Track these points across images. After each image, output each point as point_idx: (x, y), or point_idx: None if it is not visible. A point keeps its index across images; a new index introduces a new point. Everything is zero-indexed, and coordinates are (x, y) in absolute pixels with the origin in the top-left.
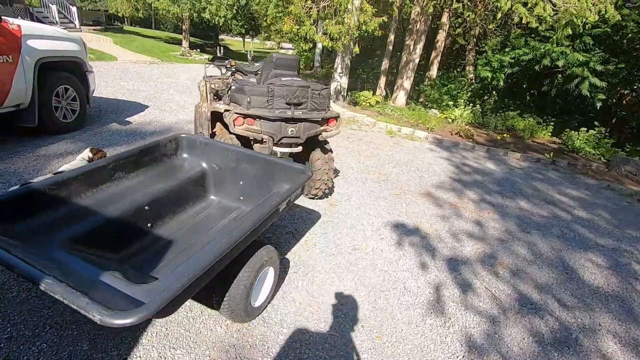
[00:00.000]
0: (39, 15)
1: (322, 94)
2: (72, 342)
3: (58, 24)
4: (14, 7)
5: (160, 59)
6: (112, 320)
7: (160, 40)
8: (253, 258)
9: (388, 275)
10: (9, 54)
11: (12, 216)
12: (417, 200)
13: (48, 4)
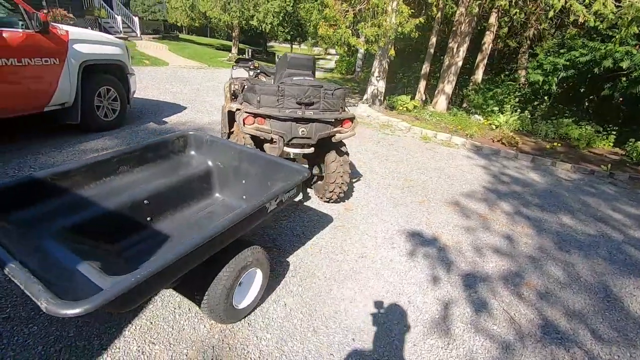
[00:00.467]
0: (106, 25)
1: (336, 94)
2: (60, 327)
3: (122, 32)
4: (85, 18)
5: (208, 64)
6: (57, 309)
7: (212, 47)
8: (236, 258)
9: (393, 287)
10: (57, 56)
11: (11, 203)
12: (442, 209)
13: (114, 16)
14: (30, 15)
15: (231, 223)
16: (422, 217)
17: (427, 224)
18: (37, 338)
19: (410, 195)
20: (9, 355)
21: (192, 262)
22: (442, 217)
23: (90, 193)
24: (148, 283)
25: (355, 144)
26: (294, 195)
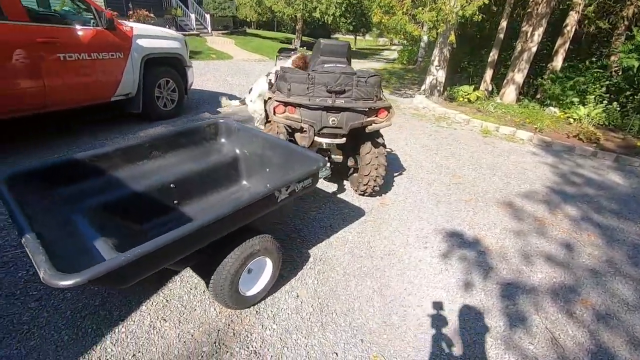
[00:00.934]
0: (182, 23)
1: (370, 81)
2: (89, 296)
3: (194, 29)
4: (165, 17)
5: (269, 57)
6: (50, 279)
7: (277, 40)
8: (242, 245)
9: (416, 289)
10: (122, 51)
11: (54, 179)
12: (491, 209)
13: (189, 14)
14: (99, 13)
15: (233, 210)
16: (466, 216)
17: (470, 225)
18: (68, 303)
19: (456, 193)
20: (43, 316)
21: (190, 246)
22: (490, 218)
23: (123, 175)
24: (141, 263)
25: (403, 136)
26: (309, 185)
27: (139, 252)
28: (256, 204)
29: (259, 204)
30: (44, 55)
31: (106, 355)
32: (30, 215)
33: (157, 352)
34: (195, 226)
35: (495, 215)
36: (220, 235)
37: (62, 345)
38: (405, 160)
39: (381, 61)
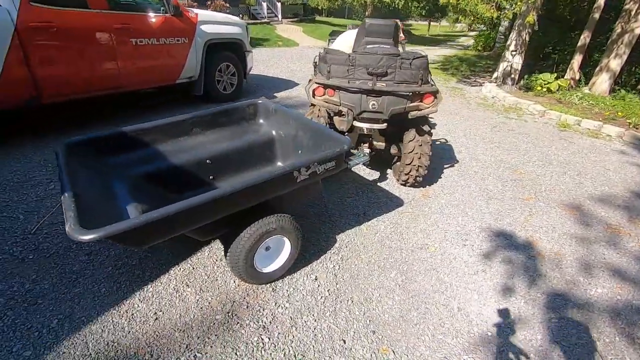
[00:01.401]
0: (254, 12)
1: (415, 64)
2: (129, 256)
3: (266, 17)
4: (239, 7)
5: None
6: (73, 233)
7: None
8: (259, 222)
9: (445, 287)
10: (186, 36)
11: (103, 149)
12: (552, 211)
13: (260, 2)
14: (167, 1)
15: (246, 185)
16: (520, 216)
17: (524, 226)
18: (111, 260)
19: (513, 190)
20: (89, 268)
21: (203, 216)
22: (549, 220)
23: (164, 148)
24: (155, 227)
25: (463, 126)
26: (332, 168)
27: (151, 216)
28: (272, 181)
29: (275, 182)
30: (118, 40)
31: (133, 309)
32: (76, 179)
33: (176, 313)
34: (208, 197)
35: (556, 217)
36: (234, 210)
37: (99, 296)
38: (459, 151)
39: (455, 48)
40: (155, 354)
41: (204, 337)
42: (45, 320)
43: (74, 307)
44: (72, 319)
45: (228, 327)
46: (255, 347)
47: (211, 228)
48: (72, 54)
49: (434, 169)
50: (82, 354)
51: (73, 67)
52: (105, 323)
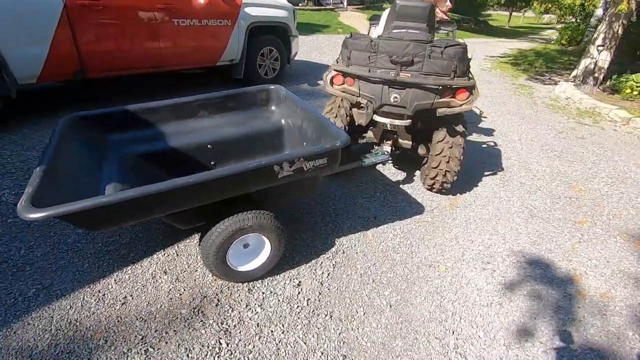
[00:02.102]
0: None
1: (448, 53)
2: (121, 234)
3: (331, 4)
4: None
5: None
6: (21, 210)
7: None
8: (233, 217)
9: (446, 317)
10: (229, 18)
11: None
12: (611, 241)
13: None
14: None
15: (212, 177)
16: (566, 243)
17: (568, 255)
18: (104, 237)
19: (564, 209)
20: (81, 242)
21: (166, 206)
22: (604, 252)
23: (168, 129)
24: (109, 212)
25: (521, 129)
26: (324, 165)
27: (100, 201)
28: (246, 174)
29: (251, 176)
30: (161, 20)
31: (106, 290)
32: (62, 155)
33: (145, 300)
34: (166, 186)
35: (614, 249)
36: (203, 202)
37: (81, 271)
38: (508, 158)
39: (536, 41)
40: (110, 340)
41: (163, 331)
42: (25, 288)
43: (55, 279)
44: (48, 290)
45: (190, 325)
46: (210, 351)
47: (187, 218)
48: (115, 32)
49: (472, 176)
50: (43, 328)
51: (116, 44)
52: (75, 300)
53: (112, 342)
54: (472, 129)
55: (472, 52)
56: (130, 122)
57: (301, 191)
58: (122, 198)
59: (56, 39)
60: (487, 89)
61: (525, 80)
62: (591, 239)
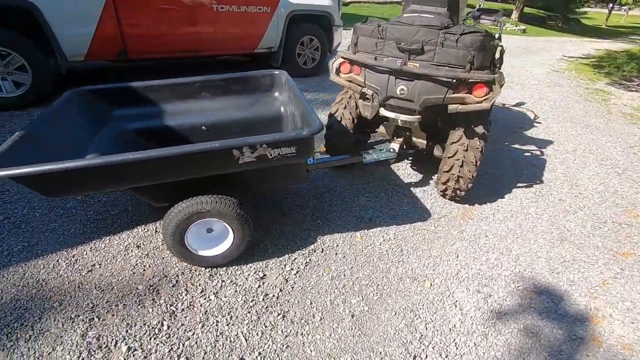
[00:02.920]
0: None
1: (464, 41)
2: (113, 205)
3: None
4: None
5: None
6: None
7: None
8: (190, 200)
9: (412, 339)
10: (269, 6)
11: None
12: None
13: None
14: None
15: (161, 155)
16: (596, 275)
17: (593, 292)
18: (97, 206)
19: (607, 237)
20: (77, 208)
21: (119, 180)
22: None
23: (168, 108)
24: (63, 179)
25: (579, 139)
26: (293, 154)
27: (52, 167)
28: (196, 156)
29: (204, 158)
30: (200, 5)
31: (79, 256)
32: (54, 123)
33: (109, 271)
34: (115, 160)
35: None
36: (155, 180)
37: (66, 235)
38: (553, 170)
39: (636, 42)
40: (64, 304)
41: (114, 303)
42: (13, 244)
43: (41, 239)
44: (32, 249)
45: (141, 301)
46: (150, 331)
47: (151, 195)
48: (155, 16)
49: (500, 185)
50: (13, 283)
51: (156, 27)
52: (50, 261)
53: (65, 306)
54: (519, 134)
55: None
56: (132, 98)
57: (275, 181)
58: (73, 167)
59: (102, 19)
60: (551, 92)
61: (604, 85)
62: (632, 276)
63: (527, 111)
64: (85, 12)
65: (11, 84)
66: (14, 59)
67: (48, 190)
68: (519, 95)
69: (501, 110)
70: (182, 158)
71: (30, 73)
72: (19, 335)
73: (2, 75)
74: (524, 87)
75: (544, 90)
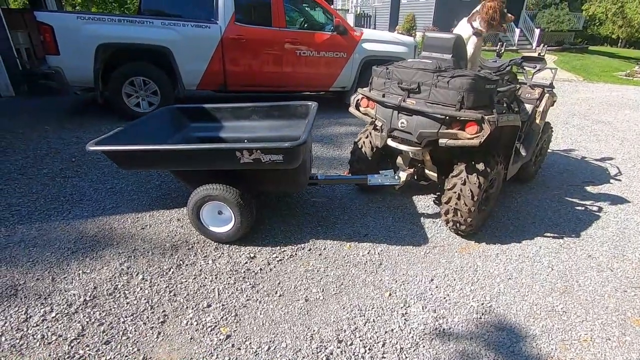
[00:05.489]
0: (504, 38)
1: (453, 83)
2: (149, 179)
3: (515, 44)
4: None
5: (584, 78)
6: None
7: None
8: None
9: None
10: (345, 51)
11: (191, 116)
12: None
13: (514, 28)
14: (334, 21)
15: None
16: (582, 331)
17: (567, 344)
18: (149, 186)
19: (626, 300)
20: (130, 186)
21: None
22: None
23: (224, 124)
24: (131, 157)
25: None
26: (281, 161)
27: (127, 149)
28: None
29: (214, 154)
30: (286, 51)
31: (142, 219)
32: (146, 126)
33: (155, 231)
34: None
35: None
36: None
37: (140, 204)
38: (604, 227)
39: None
40: (120, 244)
41: (147, 250)
42: (107, 204)
43: (124, 203)
44: (117, 209)
45: (163, 253)
46: (160, 272)
47: (184, 178)
48: (250, 58)
49: (525, 231)
50: (97, 225)
51: (249, 67)
52: (122, 218)
53: (119, 246)
54: (580, 188)
55: None
56: (204, 115)
57: (272, 183)
58: (137, 149)
59: (212, 59)
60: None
61: None
62: (633, 343)
63: (610, 167)
64: (201, 54)
65: (146, 103)
66: (151, 86)
67: (125, 164)
68: (611, 150)
69: (578, 162)
70: (201, 152)
71: (159, 96)
72: (87, 254)
73: (143, 97)
74: (624, 142)
75: None
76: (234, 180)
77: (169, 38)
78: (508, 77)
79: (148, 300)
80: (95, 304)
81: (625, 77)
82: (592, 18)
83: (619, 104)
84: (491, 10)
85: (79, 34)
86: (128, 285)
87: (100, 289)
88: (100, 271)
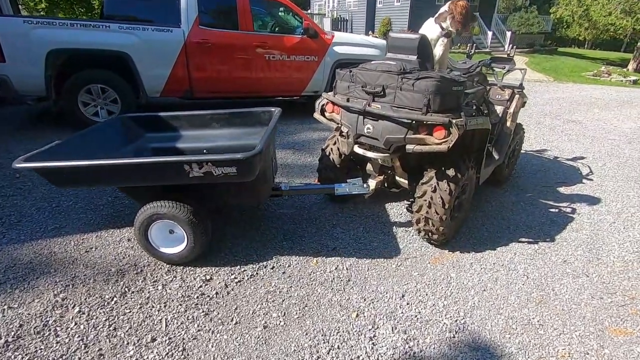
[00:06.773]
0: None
1: (419, 86)
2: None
3: (488, 47)
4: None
5: (554, 79)
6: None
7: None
8: (154, 202)
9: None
10: (316, 55)
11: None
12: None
13: (486, 31)
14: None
15: (130, 163)
16: (560, 346)
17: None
18: (111, 206)
19: (603, 309)
20: (102, 204)
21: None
22: None
23: (182, 134)
24: (69, 174)
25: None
26: (235, 174)
27: (64, 165)
28: (158, 166)
29: (162, 168)
30: (254, 55)
31: (87, 241)
32: (89, 138)
33: (100, 254)
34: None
35: None
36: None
37: (87, 223)
38: (578, 229)
39: None
40: (57, 271)
41: (88, 277)
42: (49, 224)
43: (69, 224)
44: (60, 230)
45: (107, 280)
46: (100, 302)
47: (133, 194)
48: (217, 63)
49: (501, 237)
50: (34, 250)
51: (216, 72)
52: (65, 240)
53: (57, 273)
54: (553, 189)
55: None
56: (159, 125)
57: (229, 196)
58: (77, 166)
59: (175, 65)
60: (629, 149)
61: None
62: (613, 357)
63: (582, 166)
64: (163, 59)
65: (105, 112)
66: (110, 93)
67: (60, 181)
68: (582, 149)
69: (551, 163)
70: (145, 167)
71: (120, 104)
72: (17, 286)
73: (101, 105)
74: (594, 141)
75: (621, 146)
76: (185, 195)
77: (127, 43)
78: (478, 79)
79: (82, 338)
80: (19, 345)
81: (593, 77)
82: (559, 21)
83: (588, 103)
84: (464, 10)
85: (27, 39)
86: (61, 321)
87: (26, 327)
88: (30, 305)
